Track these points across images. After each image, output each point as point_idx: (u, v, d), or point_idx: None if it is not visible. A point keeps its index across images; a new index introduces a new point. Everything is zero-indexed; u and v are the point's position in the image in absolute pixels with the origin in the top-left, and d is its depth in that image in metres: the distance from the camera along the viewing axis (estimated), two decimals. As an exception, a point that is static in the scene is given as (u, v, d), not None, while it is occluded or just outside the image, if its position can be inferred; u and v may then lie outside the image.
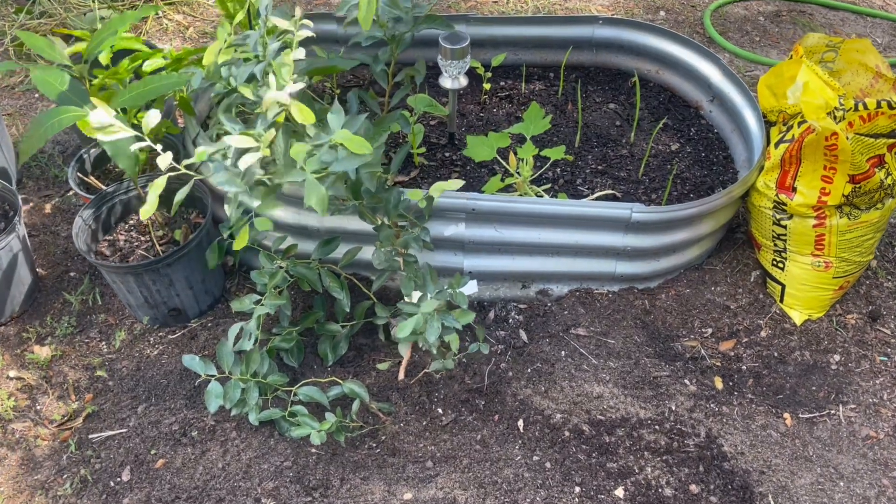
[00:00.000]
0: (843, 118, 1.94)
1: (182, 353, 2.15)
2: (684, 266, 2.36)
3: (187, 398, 2.04)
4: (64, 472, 1.90)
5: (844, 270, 2.18)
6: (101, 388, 2.08)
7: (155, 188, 1.62)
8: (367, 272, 2.28)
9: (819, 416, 2.05)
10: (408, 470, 1.89)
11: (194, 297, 2.18)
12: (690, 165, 2.54)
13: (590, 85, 2.86)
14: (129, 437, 1.96)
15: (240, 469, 1.88)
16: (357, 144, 1.61)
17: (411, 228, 1.97)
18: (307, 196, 1.60)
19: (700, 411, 2.03)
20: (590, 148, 2.59)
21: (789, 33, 3.50)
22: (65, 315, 2.27)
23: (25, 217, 2.56)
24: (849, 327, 2.26)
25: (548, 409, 2.01)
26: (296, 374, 2.08)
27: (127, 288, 2.09)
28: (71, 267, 2.41)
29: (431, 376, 2.08)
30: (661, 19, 3.53)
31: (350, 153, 1.64)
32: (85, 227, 2.15)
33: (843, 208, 2.07)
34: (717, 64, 2.64)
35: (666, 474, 1.88)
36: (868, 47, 2.18)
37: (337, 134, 1.63)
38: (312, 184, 1.60)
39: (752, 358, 2.17)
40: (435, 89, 2.80)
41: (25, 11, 3.37)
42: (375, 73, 2.36)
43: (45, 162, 2.76)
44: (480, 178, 2.45)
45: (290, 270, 2.03)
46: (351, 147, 1.60)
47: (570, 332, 2.20)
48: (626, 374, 2.10)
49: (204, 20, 3.49)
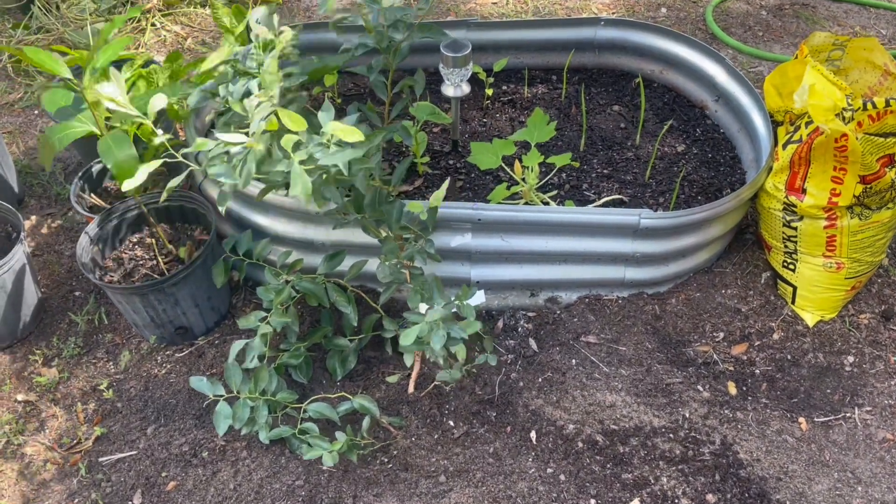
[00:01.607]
0: (851, 118, 1.92)
1: (190, 371, 2.13)
2: (694, 270, 2.33)
3: (196, 418, 2.02)
4: (75, 497, 1.89)
5: (856, 271, 2.15)
6: (109, 409, 2.07)
7: (147, 165, 1.61)
8: (374, 284, 2.26)
9: (834, 419, 2.02)
10: (421, 485, 1.87)
11: (201, 315, 2.16)
12: (697, 167, 2.51)
13: (593, 87, 2.84)
14: (140, 459, 1.95)
15: (251, 490, 1.86)
16: (348, 133, 1.57)
17: (416, 241, 1.95)
18: (292, 185, 1.56)
19: (714, 418, 2.01)
20: (595, 151, 2.57)
21: (792, 27, 3.46)
22: (71, 335, 2.25)
23: (28, 236, 2.55)
24: (862, 327, 2.23)
25: (560, 420, 1.99)
26: (305, 390, 2.07)
27: (132, 308, 2.08)
28: (76, 286, 2.40)
29: (441, 388, 2.06)
30: (663, 16, 3.50)
31: (340, 147, 1.61)
32: (89, 246, 2.14)
33: (854, 209, 2.05)
34: (721, 63, 2.61)
35: (682, 484, 1.86)
36: (875, 45, 2.15)
37: (327, 126, 1.60)
38: (298, 173, 1.57)
39: (765, 361, 2.14)
40: (437, 95, 2.77)
41: (23, 27, 3.36)
42: (372, 82, 2.34)
43: (47, 180, 2.75)
44: (485, 185, 2.43)
45: (297, 286, 2.01)
46: (341, 135, 1.57)
47: (581, 340, 2.18)
48: (638, 382, 2.08)
49: (202, 30, 3.47)
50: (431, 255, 1.93)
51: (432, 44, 2.62)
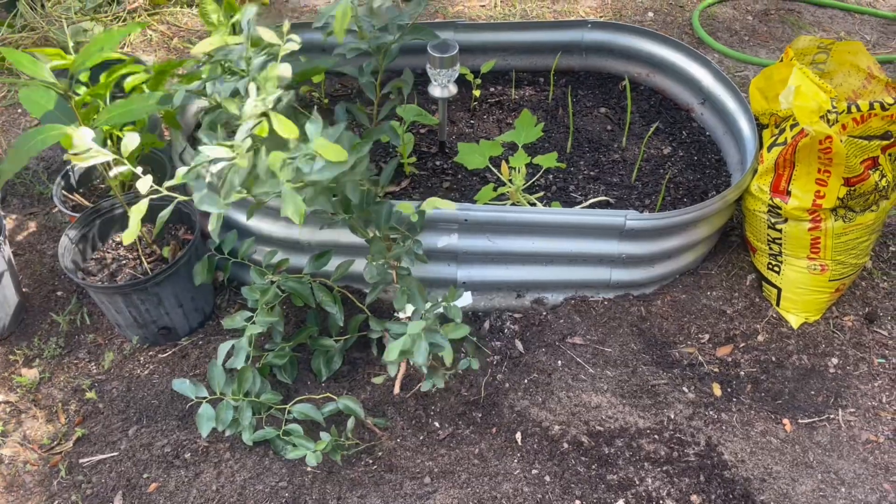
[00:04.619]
0: (836, 121, 1.93)
1: (173, 372, 2.11)
2: (680, 271, 2.34)
3: (179, 419, 2.00)
4: (55, 499, 1.86)
5: (840, 273, 2.16)
6: (91, 410, 2.05)
7: (136, 212, 1.58)
8: (360, 285, 2.25)
9: (818, 420, 2.03)
10: (405, 486, 1.86)
11: (184, 315, 2.14)
12: (683, 169, 2.52)
13: (580, 89, 2.84)
14: (121, 460, 1.93)
15: (234, 491, 1.84)
16: (333, 152, 1.56)
17: (403, 241, 1.94)
18: (284, 206, 1.55)
19: (699, 419, 2.01)
20: (582, 153, 2.57)
21: (778, 32, 3.49)
22: (52, 336, 2.23)
23: (10, 236, 2.52)
24: (846, 330, 2.24)
25: (546, 421, 1.99)
26: (289, 391, 2.05)
27: (115, 308, 2.06)
28: (58, 286, 2.37)
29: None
30: (650, 20, 3.52)
31: (327, 162, 1.60)
32: (71, 246, 2.11)
33: (837, 211, 2.06)
34: (707, 66, 2.63)
35: (667, 485, 1.86)
36: (860, 49, 2.17)
37: (314, 142, 1.59)
38: (289, 194, 1.56)
39: (750, 363, 2.15)
40: (424, 97, 2.77)
41: (7, 25, 3.32)
42: (362, 84, 2.33)
43: (29, 179, 2.72)
44: (472, 186, 2.43)
45: (282, 285, 2.00)
46: (326, 155, 1.56)
47: (567, 341, 2.17)
48: (623, 383, 2.08)
49: (189, 30, 3.45)
50: (419, 256, 1.93)
51: (419, 45, 2.61)
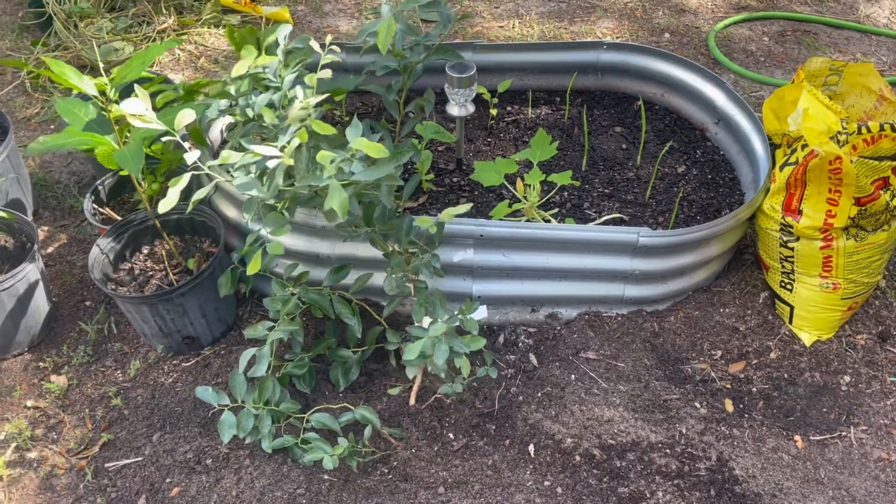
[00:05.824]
0: (846, 142, 1.96)
1: (196, 380, 2.17)
2: (693, 288, 2.37)
3: (201, 426, 2.06)
4: (81, 501, 1.93)
5: (853, 291, 2.18)
6: (116, 416, 2.11)
7: (176, 183, 1.66)
8: (378, 298, 2.31)
9: (830, 437, 2.05)
10: (420, 496, 1.90)
11: (208, 325, 2.21)
12: (697, 188, 2.56)
13: (595, 109, 2.89)
14: (145, 465, 1.99)
15: (253, 497, 1.90)
16: (376, 150, 1.64)
17: (422, 255, 2.00)
18: (329, 199, 1.62)
19: (711, 434, 2.03)
20: (596, 171, 2.62)
21: (794, 53, 3.52)
22: (81, 344, 2.30)
23: (41, 247, 2.61)
24: (858, 348, 2.26)
25: (558, 434, 2.02)
26: (308, 401, 2.10)
27: (141, 317, 2.13)
28: (87, 296, 2.45)
29: (442, 401, 2.10)
30: (666, 41, 3.57)
31: (370, 166, 1.69)
32: (101, 258, 2.19)
33: (849, 230, 2.08)
34: (721, 87, 2.67)
35: (678, 499, 1.88)
36: (871, 71, 2.20)
37: (356, 142, 1.67)
38: (335, 187, 1.63)
39: (762, 380, 2.17)
40: (442, 115, 2.84)
41: (41, 44, 3.45)
42: (387, 102, 2.40)
43: (60, 192, 2.81)
44: (488, 203, 2.48)
45: (303, 297, 2.06)
46: (370, 152, 1.64)
47: (580, 356, 2.21)
48: (636, 398, 2.11)
49: (215, 50, 3.55)
50: (436, 270, 1.98)
51: (438, 64, 2.69)
